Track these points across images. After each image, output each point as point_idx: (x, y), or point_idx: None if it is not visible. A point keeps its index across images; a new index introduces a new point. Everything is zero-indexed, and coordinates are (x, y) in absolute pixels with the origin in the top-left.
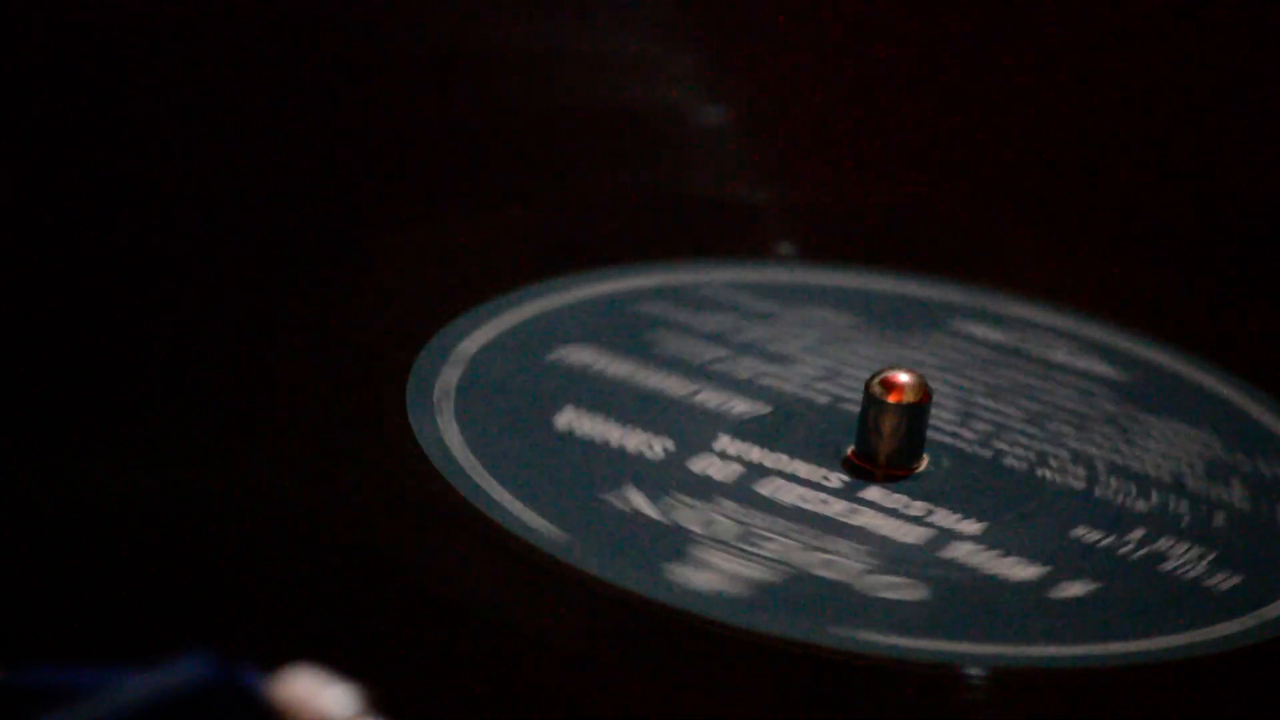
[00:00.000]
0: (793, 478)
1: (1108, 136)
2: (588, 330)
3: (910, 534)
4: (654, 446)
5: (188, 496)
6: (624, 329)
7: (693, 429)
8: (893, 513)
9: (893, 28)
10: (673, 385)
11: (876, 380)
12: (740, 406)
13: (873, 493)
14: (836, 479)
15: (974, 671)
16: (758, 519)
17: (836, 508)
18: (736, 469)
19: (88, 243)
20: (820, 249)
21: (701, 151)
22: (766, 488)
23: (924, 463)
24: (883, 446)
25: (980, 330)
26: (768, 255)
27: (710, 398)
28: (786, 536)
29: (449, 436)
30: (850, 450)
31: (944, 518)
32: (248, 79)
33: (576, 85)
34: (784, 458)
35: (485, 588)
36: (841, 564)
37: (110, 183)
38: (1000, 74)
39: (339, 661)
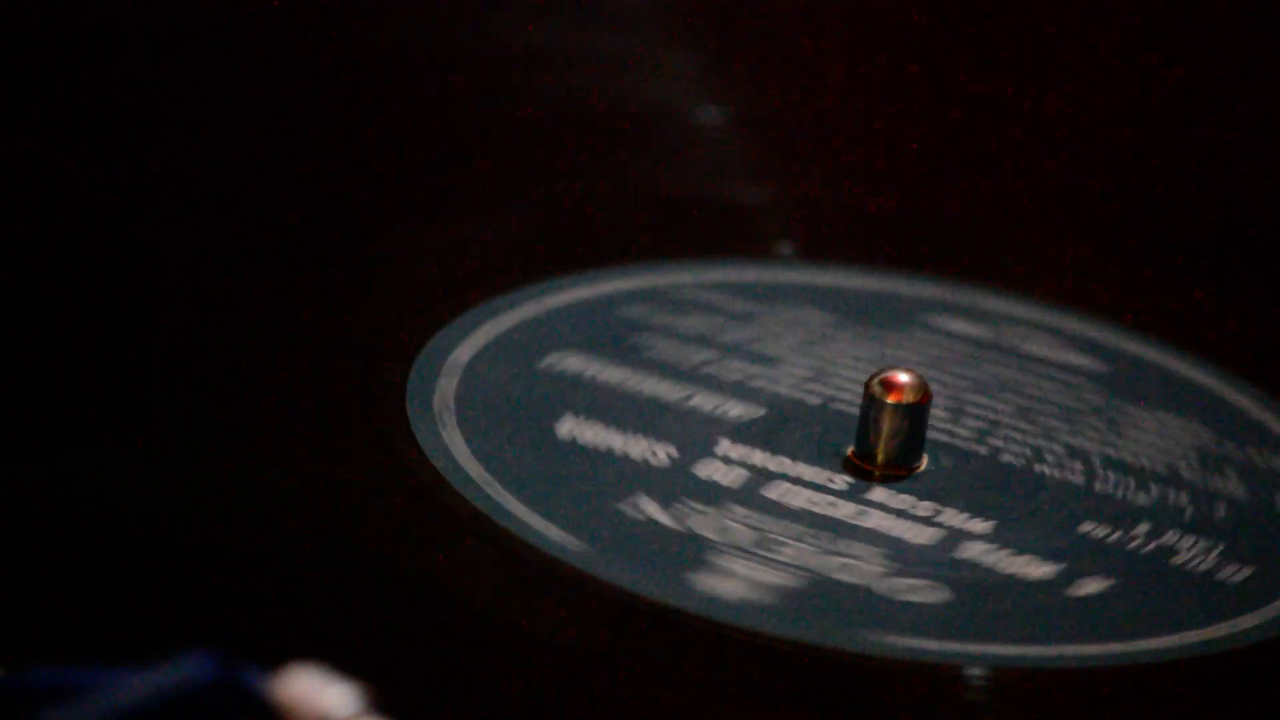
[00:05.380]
0: (798, 481)
1: (1102, 136)
2: (574, 336)
3: (922, 535)
4: (658, 453)
5: (188, 496)
6: (609, 334)
7: (692, 434)
8: (901, 513)
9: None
10: (666, 390)
11: (876, 380)
12: (735, 410)
13: (879, 494)
14: (841, 481)
15: (990, 672)
16: (770, 524)
17: (845, 510)
18: (742, 473)
19: (88, 243)
20: (809, 248)
21: (694, 152)
22: (774, 492)
23: (924, 463)
24: (883, 447)
25: (957, 325)
26: (760, 254)
27: (705, 401)
28: (801, 541)
29: (454, 445)
30: (850, 451)
31: (952, 517)
32: (246, 79)
33: (575, 85)
34: (786, 461)
35: (486, 589)
36: (860, 567)
37: (111, 182)
38: (999, 74)
39: (340, 661)
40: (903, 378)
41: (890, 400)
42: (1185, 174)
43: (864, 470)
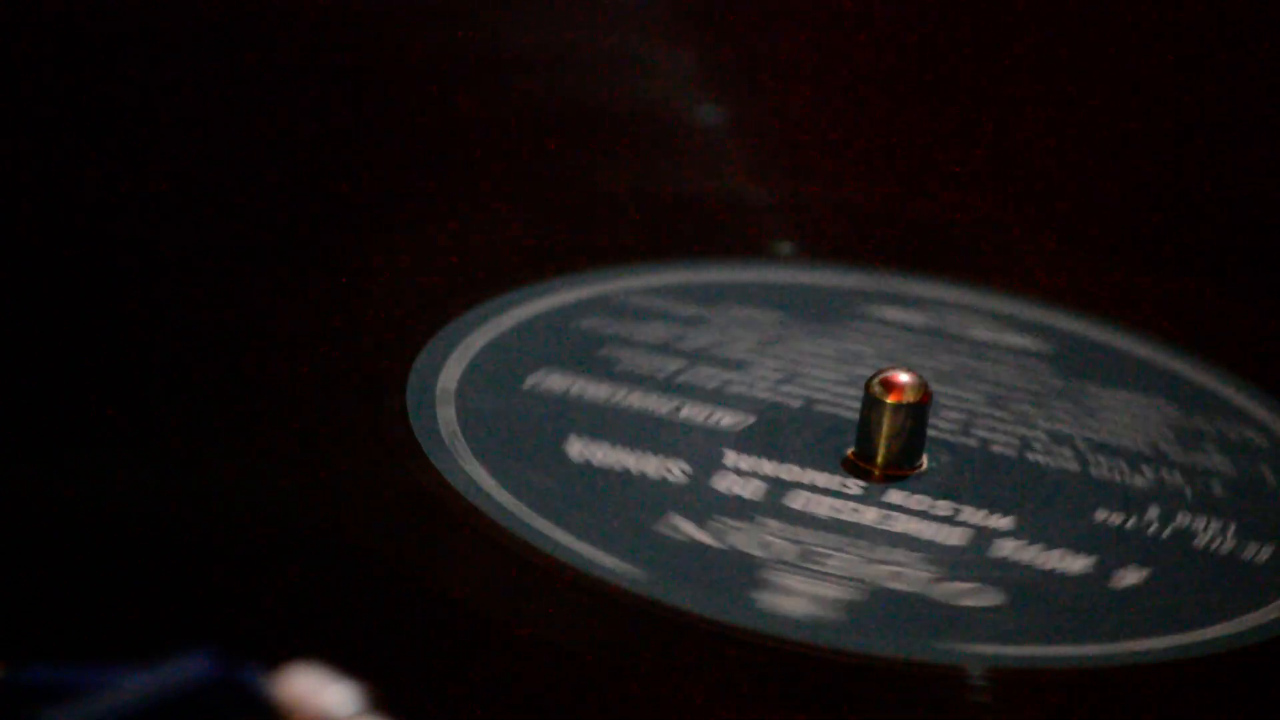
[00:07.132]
0: (813, 488)
1: (1104, 138)
2: (544, 353)
3: (951, 535)
4: (672, 469)
5: (188, 496)
6: (573, 348)
7: (696, 447)
8: (923, 514)
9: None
10: (653, 403)
11: (876, 380)
12: (726, 418)
13: (895, 496)
14: (854, 485)
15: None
16: (806, 536)
17: (870, 515)
18: (759, 485)
19: (89, 243)
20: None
21: (690, 151)
22: (797, 501)
23: (925, 462)
24: (884, 447)
25: (895, 314)
26: (762, 254)
27: (694, 412)
28: (843, 551)
29: (454, 444)
30: (850, 452)
31: (972, 515)
32: (248, 78)
33: (574, 85)
34: (795, 468)
35: (486, 589)
36: (908, 574)
37: (111, 182)
38: (996, 74)
39: (340, 660)
40: (903, 377)
41: (890, 400)
42: (1122, 154)
43: (865, 471)
